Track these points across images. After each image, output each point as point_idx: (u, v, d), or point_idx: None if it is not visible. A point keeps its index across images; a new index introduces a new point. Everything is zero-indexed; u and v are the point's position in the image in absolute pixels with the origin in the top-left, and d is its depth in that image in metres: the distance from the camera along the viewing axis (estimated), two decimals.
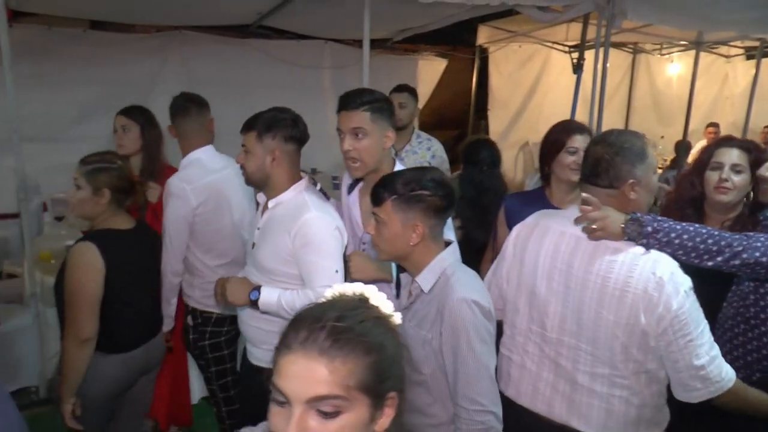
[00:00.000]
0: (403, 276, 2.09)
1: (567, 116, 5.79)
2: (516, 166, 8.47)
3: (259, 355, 2.53)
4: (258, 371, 2.50)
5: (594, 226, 1.92)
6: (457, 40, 7.82)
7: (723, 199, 2.45)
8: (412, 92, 4.37)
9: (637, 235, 1.88)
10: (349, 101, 2.34)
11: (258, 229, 2.52)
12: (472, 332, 1.78)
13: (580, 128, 2.75)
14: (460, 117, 8.69)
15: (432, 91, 8.00)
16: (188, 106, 3.09)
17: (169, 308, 2.98)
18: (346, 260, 2.38)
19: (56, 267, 2.68)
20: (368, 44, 4.65)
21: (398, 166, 2.43)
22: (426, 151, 4.31)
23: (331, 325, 1.01)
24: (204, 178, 2.97)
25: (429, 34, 6.60)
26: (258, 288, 2.37)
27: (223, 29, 6.40)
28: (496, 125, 8.28)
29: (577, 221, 2.00)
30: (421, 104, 7.90)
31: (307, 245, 2.31)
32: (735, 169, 2.45)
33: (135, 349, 2.59)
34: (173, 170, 3.21)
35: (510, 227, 2.71)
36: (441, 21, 5.85)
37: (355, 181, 2.55)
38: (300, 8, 5.14)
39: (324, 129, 6.81)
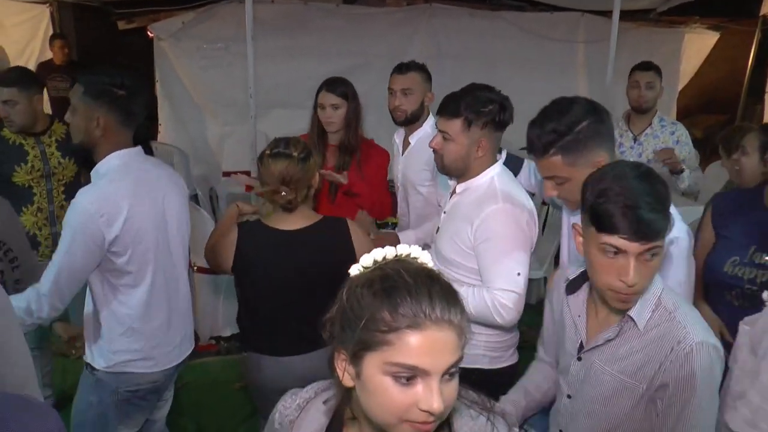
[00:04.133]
0: (571, 300, 1.67)
1: None
2: None
3: None
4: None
5: None
6: (735, 9, 6.88)
7: None
8: (659, 71, 3.91)
9: None
10: (531, 145, 1.87)
11: (444, 212, 2.34)
12: (707, 386, 1.45)
13: None
14: (731, 100, 7.68)
15: (697, 69, 7.15)
16: None
17: None
18: None
19: None
20: (617, 15, 4.28)
21: None
22: (669, 136, 3.86)
23: (444, 292, 1.02)
24: None
25: (701, 3, 5.86)
26: None
27: (473, 1, 6.25)
28: None
29: None
30: (682, 83, 7.19)
31: (488, 240, 2.09)
32: None
33: (285, 356, 2.35)
34: (378, 148, 3.21)
35: (717, 231, 2.33)
36: None
37: None
38: None
39: None
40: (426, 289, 1.00)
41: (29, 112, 3.08)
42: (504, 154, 2.45)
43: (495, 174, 2.19)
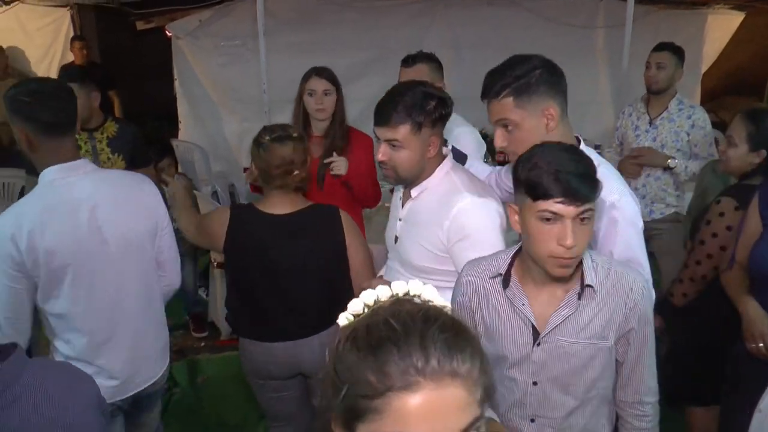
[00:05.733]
0: (509, 292, 1.66)
1: None
2: None
3: None
4: None
5: None
6: None
7: None
8: (676, 51, 3.74)
9: None
10: (486, 89, 1.89)
11: (400, 220, 2.21)
12: (652, 317, 1.68)
13: None
14: (758, 81, 7.50)
15: (721, 51, 6.99)
16: None
17: None
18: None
19: None
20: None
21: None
22: (686, 120, 3.72)
23: (444, 334, 0.83)
24: None
25: None
26: None
27: None
28: None
29: None
30: (706, 66, 7.03)
31: (464, 239, 1.99)
32: None
33: (267, 342, 2.40)
34: (361, 134, 3.18)
35: (765, 220, 2.21)
36: None
37: None
38: None
39: (594, 95, 6.37)
40: (417, 337, 0.82)
41: (86, 107, 3.21)
42: (450, 148, 2.36)
43: (449, 169, 2.12)
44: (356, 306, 0.91)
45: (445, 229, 2.01)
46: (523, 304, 1.64)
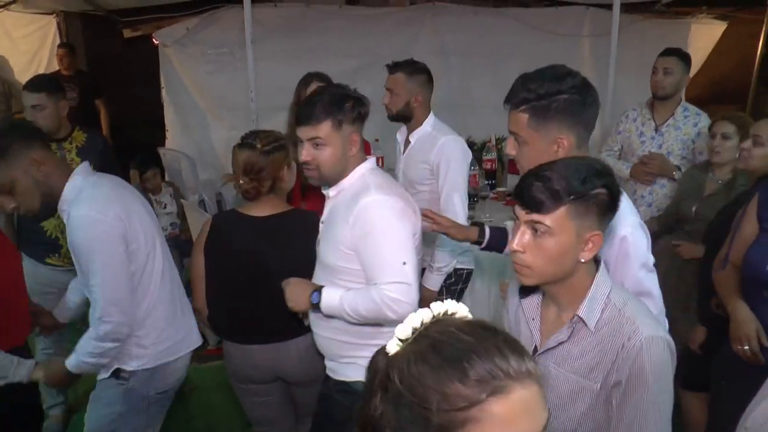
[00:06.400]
0: (525, 303, 1.64)
1: None
2: None
3: (342, 370, 2.20)
4: (345, 391, 2.18)
5: None
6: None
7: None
8: (683, 57, 3.68)
9: None
10: (510, 93, 1.81)
11: (322, 223, 2.24)
12: (658, 379, 1.42)
13: None
14: (741, 90, 7.59)
15: (705, 59, 7.06)
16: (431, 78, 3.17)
17: None
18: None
19: None
20: (618, 9, 4.23)
21: None
22: (692, 128, 3.68)
23: (508, 340, 0.88)
24: None
25: None
26: (319, 289, 2.09)
27: None
28: None
29: None
30: (690, 74, 7.08)
31: (366, 235, 2.00)
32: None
33: (245, 344, 2.43)
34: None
35: (762, 224, 2.23)
36: None
37: None
38: None
39: None
40: (491, 343, 0.85)
41: (55, 117, 3.17)
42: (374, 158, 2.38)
43: (366, 170, 2.15)
44: (404, 330, 0.91)
45: (351, 225, 2.03)
46: (533, 319, 1.60)
